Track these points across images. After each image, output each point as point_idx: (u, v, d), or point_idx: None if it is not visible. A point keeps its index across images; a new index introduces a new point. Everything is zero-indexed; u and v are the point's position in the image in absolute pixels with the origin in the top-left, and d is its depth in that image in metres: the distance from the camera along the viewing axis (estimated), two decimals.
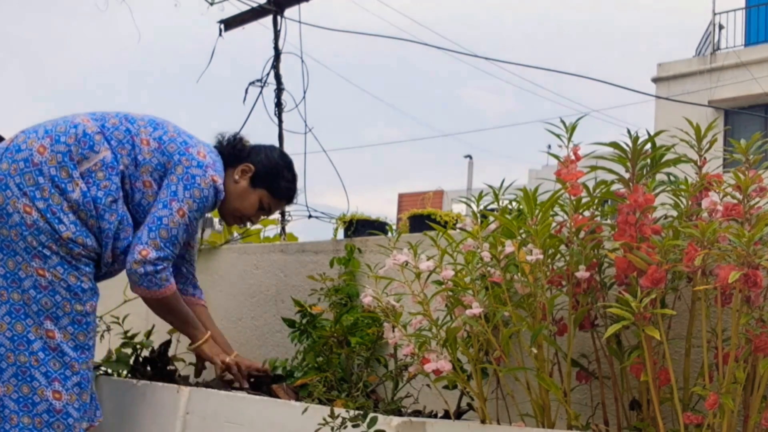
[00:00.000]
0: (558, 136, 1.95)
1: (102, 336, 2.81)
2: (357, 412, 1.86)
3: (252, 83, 4.63)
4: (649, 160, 1.84)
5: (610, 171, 1.86)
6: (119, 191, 2.34)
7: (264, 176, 2.58)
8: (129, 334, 2.87)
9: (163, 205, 2.34)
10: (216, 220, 4.46)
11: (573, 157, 1.93)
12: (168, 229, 2.33)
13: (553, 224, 1.86)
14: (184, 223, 2.36)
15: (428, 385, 2.08)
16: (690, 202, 1.84)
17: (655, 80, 14.72)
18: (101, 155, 2.31)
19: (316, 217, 4.00)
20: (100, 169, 2.30)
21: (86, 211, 2.28)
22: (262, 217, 2.71)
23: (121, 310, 2.95)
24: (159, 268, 2.33)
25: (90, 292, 2.31)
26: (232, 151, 2.55)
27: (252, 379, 2.61)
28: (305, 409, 1.99)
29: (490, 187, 2.09)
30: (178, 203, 2.34)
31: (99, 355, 2.66)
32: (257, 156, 2.59)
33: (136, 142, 2.37)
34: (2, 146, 2.32)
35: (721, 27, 14.83)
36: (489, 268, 1.86)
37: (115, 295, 2.98)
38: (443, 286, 1.89)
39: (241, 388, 2.52)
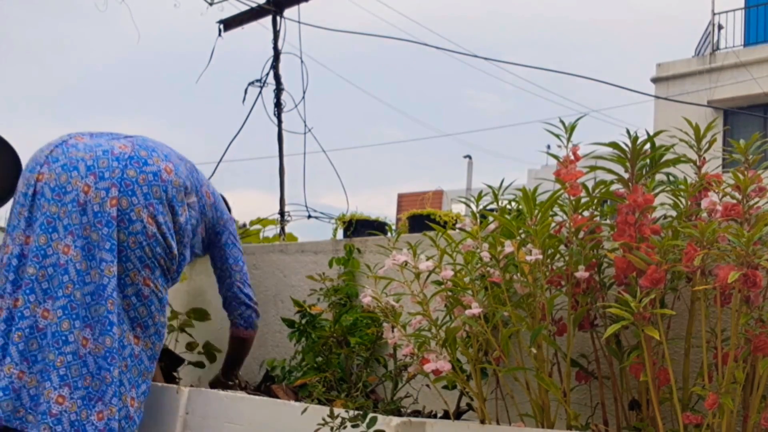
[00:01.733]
0: (557, 136, 1.95)
1: None
2: (356, 412, 1.86)
3: (251, 83, 4.63)
4: (648, 160, 1.84)
5: (610, 171, 1.86)
6: None
7: None
8: None
9: (242, 263, 2.70)
10: None
11: (572, 157, 1.93)
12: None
13: (553, 224, 1.86)
14: None
15: (428, 385, 2.08)
16: (689, 202, 1.84)
17: (655, 80, 14.71)
18: (194, 197, 2.49)
19: (316, 218, 4.00)
20: (193, 207, 2.48)
21: (181, 236, 2.41)
22: None
23: None
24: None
25: (168, 306, 2.44)
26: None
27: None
28: (305, 409, 1.99)
29: (490, 187, 2.09)
30: (243, 256, 2.71)
31: None
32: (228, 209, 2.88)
33: (202, 192, 2.54)
34: (120, 152, 2.36)
35: (720, 27, 14.83)
36: (488, 268, 1.86)
37: None
38: (443, 286, 1.89)
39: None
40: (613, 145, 1.84)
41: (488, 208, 2.11)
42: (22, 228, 2.28)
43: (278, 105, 4.67)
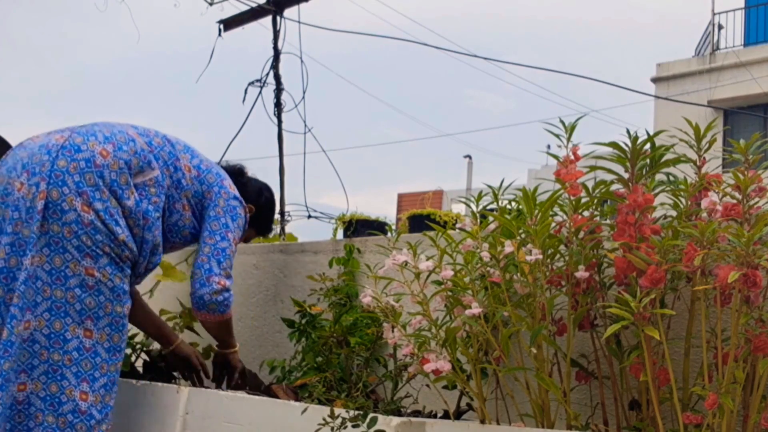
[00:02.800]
0: (557, 136, 1.95)
1: None
2: (357, 412, 1.86)
3: (251, 83, 4.64)
4: (648, 160, 1.84)
5: (610, 171, 1.86)
6: (162, 209, 2.41)
7: (260, 218, 2.74)
8: (129, 334, 2.86)
9: (221, 237, 2.47)
10: None
11: (572, 157, 1.93)
12: (230, 258, 2.48)
13: (553, 224, 1.86)
14: (235, 251, 2.53)
15: (428, 385, 2.08)
16: (689, 202, 1.84)
17: (655, 80, 14.72)
18: (155, 173, 2.38)
19: (316, 218, 4.01)
20: (153, 185, 2.37)
21: (135, 219, 2.31)
22: None
23: None
24: (230, 293, 2.49)
25: (128, 295, 2.33)
26: (235, 182, 2.66)
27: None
28: (305, 409, 1.99)
29: (490, 187, 2.09)
30: (232, 234, 2.49)
31: None
32: (259, 198, 2.75)
33: (178, 165, 2.45)
34: (54, 143, 2.29)
35: (720, 27, 14.83)
36: (488, 268, 1.86)
37: None
38: (443, 286, 1.89)
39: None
40: (613, 145, 1.84)
41: (488, 208, 2.11)
42: None
43: (278, 105, 4.68)
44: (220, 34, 5.02)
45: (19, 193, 2.23)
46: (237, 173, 2.73)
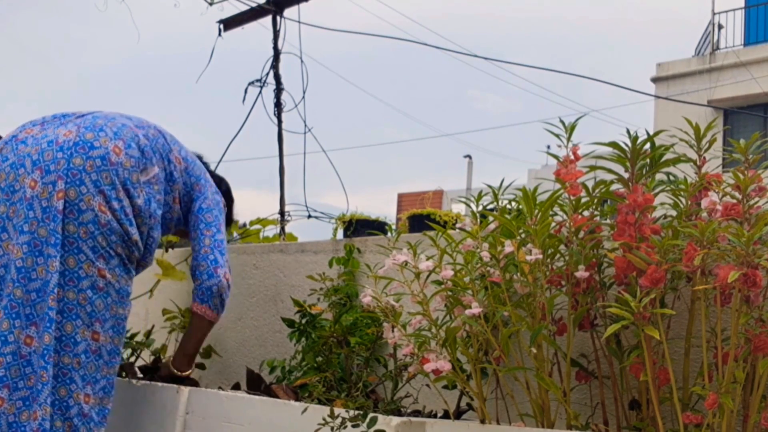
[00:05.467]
0: (557, 136, 1.95)
1: None
2: (357, 412, 1.86)
3: (251, 83, 4.63)
4: (648, 160, 1.84)
5: (610, 171, 1.86)
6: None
7: (227, 213, 2.70)
8: (129, 335, 2.87)
9: (216, 229, 2.46)
10: None
11: (572, 157, 1.93)
12: (227, 252, 2.48)
13: (553, 224, 1.86)
14: None
15: (428, 385, 2.09)
16: (689, 202, 1.84)
17: (655, 80, 14.71)
18: (155, 169, 2.34)
19: (316, 217, 4.01)
20: (156, 182, 2.34)
21: (143, 218, 2.29)
22: None
23: None
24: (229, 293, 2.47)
25: (129, 297, 2.32)
26: None
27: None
28: (305, 409, 1.99)
29: (490, 187, 2.09)
30: (222, 226, 2.49)
31: None
32: (221, 184, 2.70)
33: (171, 158, 2.41)
34: (65, 139, 2.24)
35: (720, 27, 14.82)
36: (488, 268, 1.86)
37: None
38: (443, 286, 1.89)
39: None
40: (613, 144, 1.84)
41: (488, 207, 2.11)
42: None
43: (278, 105, 4.67)
44: (220, 34, 5.02)
45: (32, 191, 2.17)
46: (199, 159, 2.66)
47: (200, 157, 2.69)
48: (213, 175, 2.71)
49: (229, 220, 2.80)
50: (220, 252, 2.42)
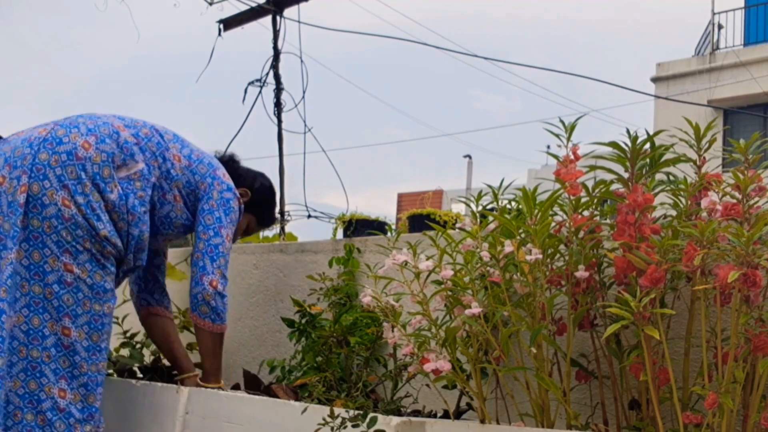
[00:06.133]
0: (557, 135, 1.95)
1: None
2: (357, 412, 1.86)
3: (251, 83, 4.63)
4: (648, 160, 1.84)
5: (610, 171, 1.86)
6: (150, 203, 2.37)
7: (256, 203, 2.68)
8: (128, 334, 2.87)
9: (214, 232, 2.41)
10: None
11: (572, 157, 1.93)
12: (225, 256, 2.43)
13: (553, 224, 1.86)
14: (230, 247, 2.47)
15: (428, 385, 2.08)
16: (689, 202, 1.84)
17: (655, 80, 14.71)
18: (139, 166, 2.33)
19: (316, 217, 4.01)
20: (138, 179, 2.32)
21: (119, 213, 2.28)
22: (238, 239, 2.78)
23: (120, 310, 2.95)
24: (225, 301, 2.43)
25: (110, 293, 2.30)
26: (228, 170, 2.61)
27: None
28: (305, 409, 1.99)
29: (490, 186, 2.09)
30: (225, 229, 2.43)
31: None
32: (254, 182, 2.69)
33: (167, 156, 2.40)
34: (36, 136, 2.27)
35: (720, 27, 14.82)
36: (488, 268, 1.86)
37: None
38: (442, 286, 1.89)
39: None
40: (613, 144, 1.84)
41: (488, 207, 2.11)
42: None
43: (278, 105, 4.68)
44: (220, 34, 5.02)
45: (1, 186, 2.20)
46: (228, 160, 2.67)
47: (231, 156, 2.69)
48: (248, 172, 2.70)
49: (267, 217, 2.78)
50: (210, 258, 2.39)
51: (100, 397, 2.26)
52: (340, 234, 3.17)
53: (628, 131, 1.83)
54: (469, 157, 22.52)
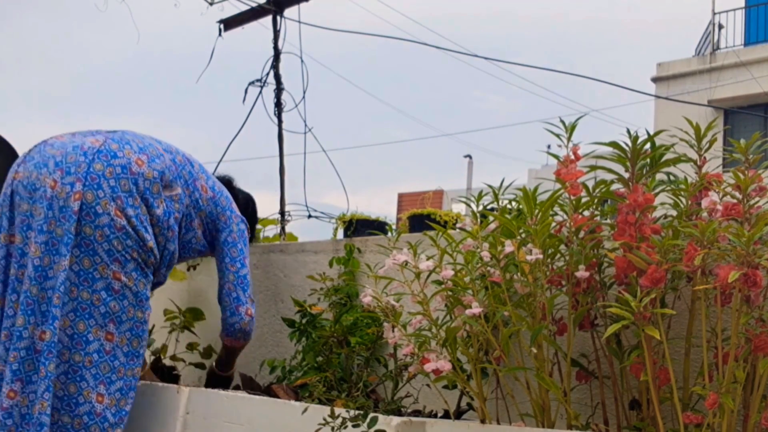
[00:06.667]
0: (557, 135, 1.95)
1: None
2: (357, 411, 1.86)
3: (252, 83, 4.62)
4: (648, 160, 1.84)
5: (610, 171, 1.86)
6: (180, 226, 2.46)
7: (249, 232, 2.78)
8: None
9: (240, 264, 2.56)
10: None
11: (572, 157, 1.93)
12: (251, 285, 2.59)
13: (553, 224, 1.86)
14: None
15: (428, 385, 2.08)
16: (690, 202, 1.84)
17: (655, 80, 14.71)
18: (178, 190, 2.43)
19: (316, 217, 4.00)
20: (177, 201, 2.42)
21: (161, 228, 2.36)
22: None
23: None
24: (254, 320, 2.61)
25: (148, 302, 2.37)
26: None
27: None
28: (305, 409, 1.99)
29: (490, 186, 2.09)
30: (246, 259, 2.59)
31: None
32: (247, 206, 2.82)
33: (197, 185, 2.50)
34: (90, 146, 2.33)
35: (720, 26, 14.81)
36: (488, 268, 1.86)
37: None
38: (443, 286, 1.89)
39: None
40: (614, 144, 1.84)
41: (488, 207, 2.11)
42: (5, 228, 2.29)
43: (278, 105, 4.67)
44: (220, 34, 5.01)
45: (52, 191, 2.25)
46: (227, 185, 2.77)
47: (230, 180, 2.81)
48: (240, 192, 2.82)
49: (251, 237, 2.89)
50: (242, 288, 2.55)
51: (131, 401, 2.32)
52: (340, 234, 3.17)
53: (628, 131, 1.83)
54: (470, 157, 22.54)
